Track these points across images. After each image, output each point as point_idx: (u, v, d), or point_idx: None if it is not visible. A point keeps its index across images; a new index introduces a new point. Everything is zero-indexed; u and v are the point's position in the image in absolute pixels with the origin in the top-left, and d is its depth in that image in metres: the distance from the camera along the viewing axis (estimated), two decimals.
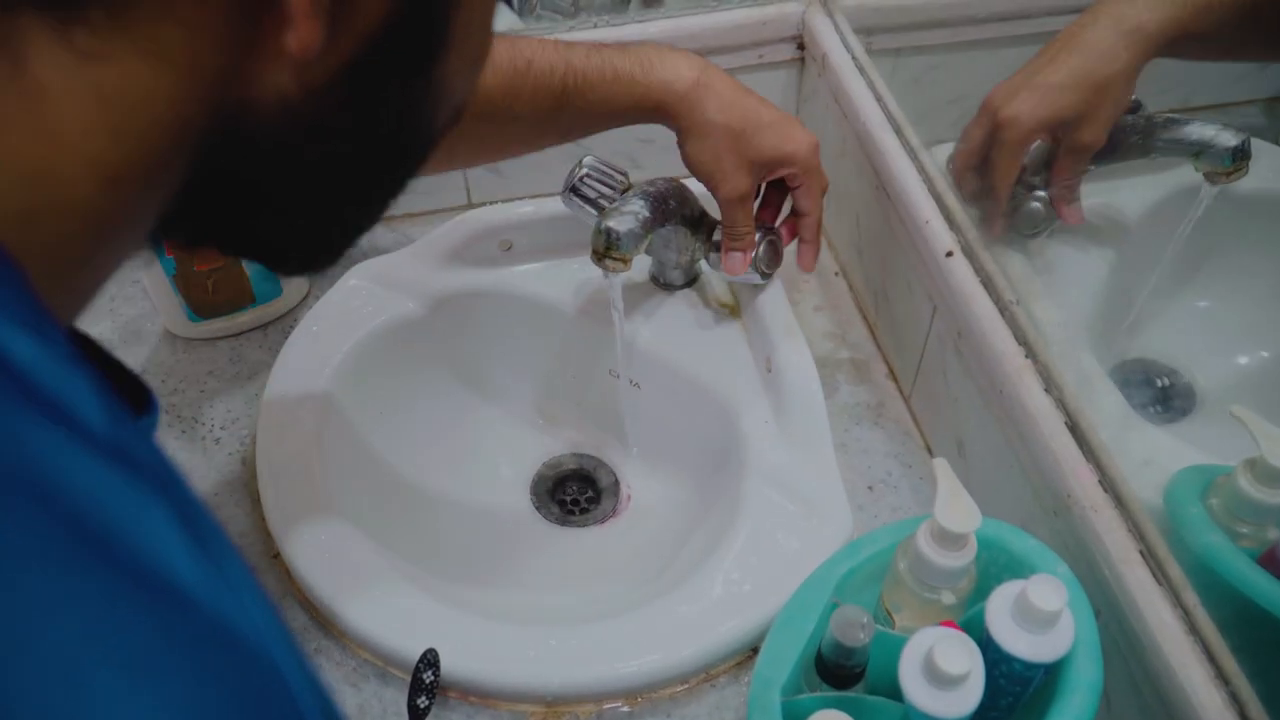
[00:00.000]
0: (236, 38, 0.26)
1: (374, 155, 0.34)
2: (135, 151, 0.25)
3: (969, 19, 0.87)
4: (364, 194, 0.35)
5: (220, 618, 0.21)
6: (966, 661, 0.47)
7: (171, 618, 0.20)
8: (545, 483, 0.86)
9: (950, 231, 0.70)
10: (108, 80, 0.24)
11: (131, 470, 0.21)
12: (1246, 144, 0.73)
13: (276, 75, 0.27)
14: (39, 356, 0.21)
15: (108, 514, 0.20)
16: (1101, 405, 0.69)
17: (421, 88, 0.32)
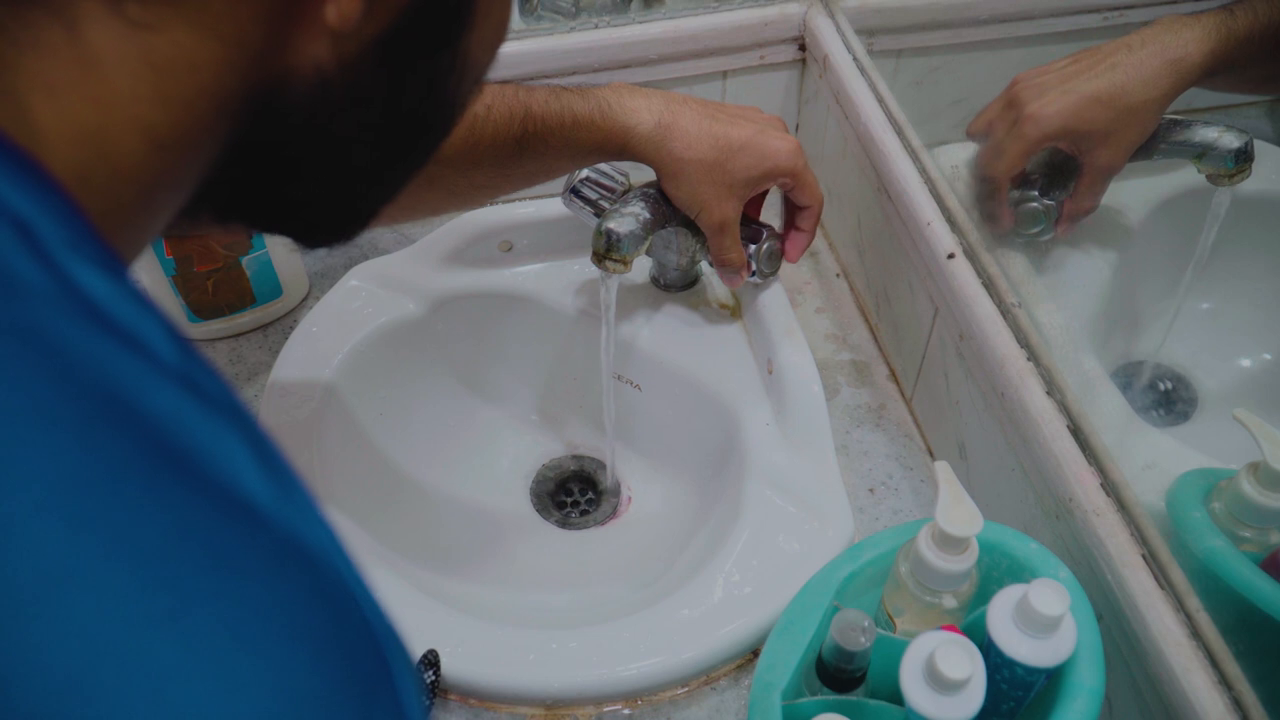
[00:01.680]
0: (278, 10, 0.27)
1: (402, 126, 0.34)
2: (181, 118, 0.26)
3: (971, 20, 0.86)
4: (391, 164, 0.36)
5: (293, 535, 0.22)
6: (968, 666, 0.47)
7: (249, 531, 0.21)
8: (545, 484, 0.86)
9: (952, 233, 0.70)
10: (157, 49, 0.25)
11: (203, 398, 0.23)
12: (1249, 146, 0.73)
13: (314, 47, 0.28)
14: (114, 292, 0.22)
15: (187, 436, 0.21)
16: (1104, 408, 0.69)
17: (449, 59, 0.33)
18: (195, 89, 0.26)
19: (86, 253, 0.23)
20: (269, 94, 0.28)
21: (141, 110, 0.25)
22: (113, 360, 0.21)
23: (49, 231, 0.22)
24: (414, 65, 0.32)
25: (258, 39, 0.27)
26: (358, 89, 0.30)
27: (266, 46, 0.27)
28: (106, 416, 0.20)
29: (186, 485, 0.21)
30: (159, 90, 0.25)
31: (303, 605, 0.21)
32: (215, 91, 0.27)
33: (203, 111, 0.27)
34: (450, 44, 0.32)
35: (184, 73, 0.26)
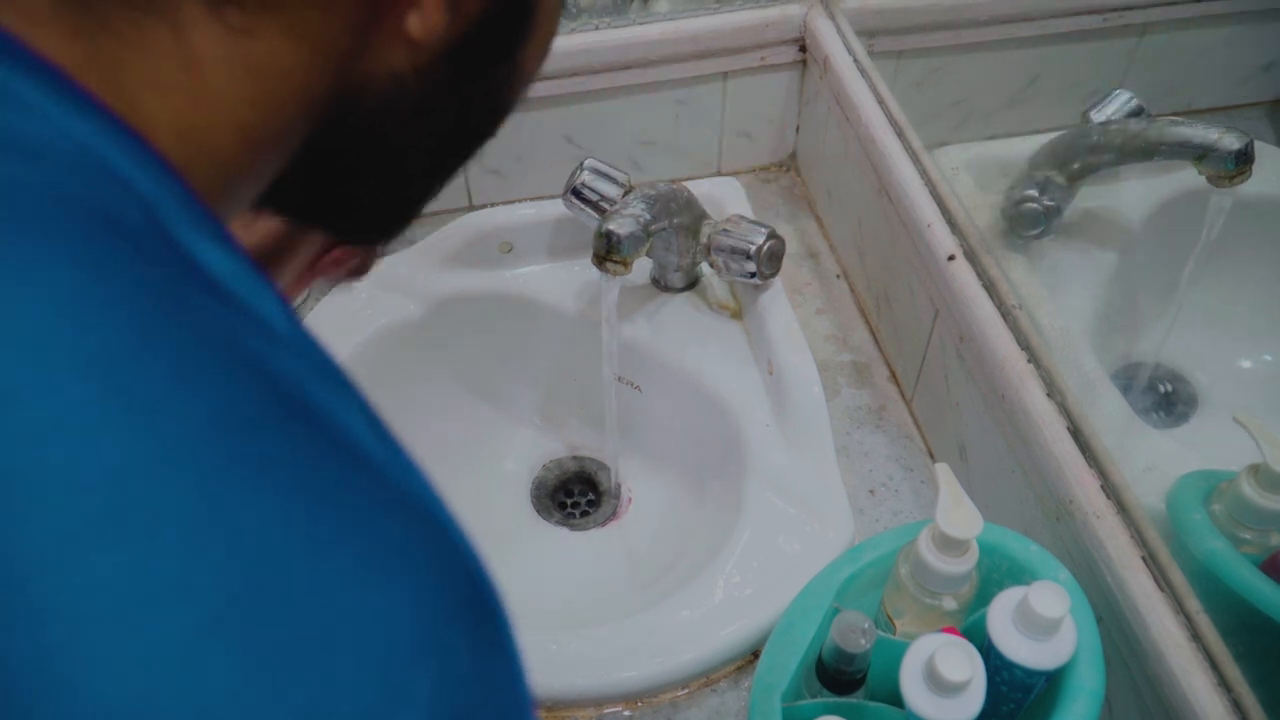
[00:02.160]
0: (364, 19, 0.28)
1: (453, 132, 0.36)
2: (271, 118, 0.28)
3: (971, 22, 0.86)
4: (438, 168, 0.38)
5: (408, 489, 0.24)
6: (968, 668, 0.47)
7: (371, 480, 0.23)
8: (546, 485, 0.86)
9: (952, 235, 0.70)
10: (254, 53, 0.27)
11: (314, 365, 0.25)
12: (1250, 147, 0.73)
13: (393, 56, 0.30)
14: (233, 268, 0.24)
15: (309, 395, 0.23)
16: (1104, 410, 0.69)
17: (506, 70, 0.35)
18: (285, 92, 0.28)
19: (206, 231, 0.25)
20: (347, 98, 0.30)
21: (238, 110, 0.27)
22: (239, 327, 0.23)
23: (172, 211, 0.24)
24: (478, 75, 0.33)
25: (343, 46, 0.29)
26: (426, 97, 0.32)
27: (350, 53, 0.29)
28: (242, 372, 0.22)
29: (317, 436, 0.23)
30: (254, 92, 0.27)
31: (422, 548, 0.24)
32: (302, 94, 0.29)
33: (290, 113, 0.29)
34: (510, 56, 0.34)
35: (277, 76, 0.28)
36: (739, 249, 0.76)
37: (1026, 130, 0.86)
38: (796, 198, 0.96)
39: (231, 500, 0.21)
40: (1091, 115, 0.80)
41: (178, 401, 0.21)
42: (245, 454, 0.21)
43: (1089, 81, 0.87)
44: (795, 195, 0.96)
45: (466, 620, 0.24)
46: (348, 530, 0.22)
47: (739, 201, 0.87)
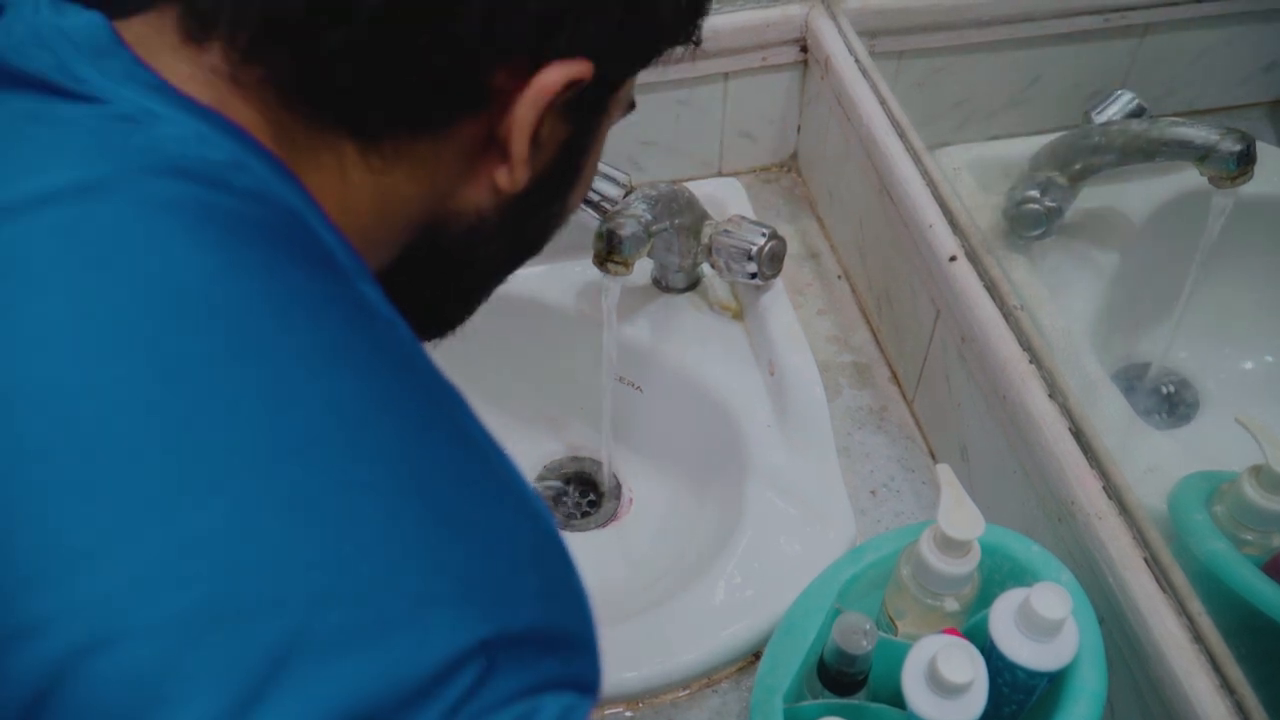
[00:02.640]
0: (466, 171, 0.38)
1: (515, 252, 0.46)
2: (385, 231, 0.39)
3: (973, 22, 0.86)
4: (498, 278, 0.48)
5: (506, 466, 0.34)
6: (970, 669, 0.47)
7: (486, 461, 0.33)
8: (546, 486, 0.86)
9: (954, 236, 0.70)
10: (384, 186, 0.37)
11: (436, 370, 0.35)
12: (1251, 148, 0.73)
13: (480, 198, 0.39)
14: (379, 298, 0.35)
15: (442, 392, 0.34)
16: (1106, 411, 0.69)
17: (558, 208, 0.45)
18: (398, 212, 0.38)
19: (364, 275, 0.35)
20: (440, 225, 0.40)
21: (365, 221, 0.37)
22: (394, 337, 0.34)
23: (343, 256, 0.35)
24: (537, 212, 0.43)
25: (445, 188, 0.39)
26: (498, 228, 0.41)
27: (450, 193, 0.39)
28: (407, 369, 0.33)
29: (457, 425, 0.33)
30: (379, 209, 0.37)
31: (522, 500, 0.33)
32: (409, 216, 0.39)
33: (399, 228, 0.39)
34: (562, 196, 0.44)
35: (395, 204, 0.38)
36: (740, 249, 0.76)
37: (1028, 131, 0.86)
38: (798, 198, 0.96)
39: (425, 451, 0.31)
40: (1093, 116, 0.80)
41: (378, 381, 0.31)
42: (425, 417, 0.32)
43: (1090, 82, 0.87)
44: (796, 196, 0.96)
45: (554, 552, 0.33)
46: (480, 478, 0.32)
47: (740, 202, 0.87)
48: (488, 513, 0.31)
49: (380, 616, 0.26)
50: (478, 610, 0.28)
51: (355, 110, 0.35)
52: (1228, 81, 0.91)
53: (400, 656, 0.26)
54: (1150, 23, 0.87)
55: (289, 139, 0.35)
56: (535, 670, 0.29)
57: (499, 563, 0.30)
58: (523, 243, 0.46)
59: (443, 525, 0.29)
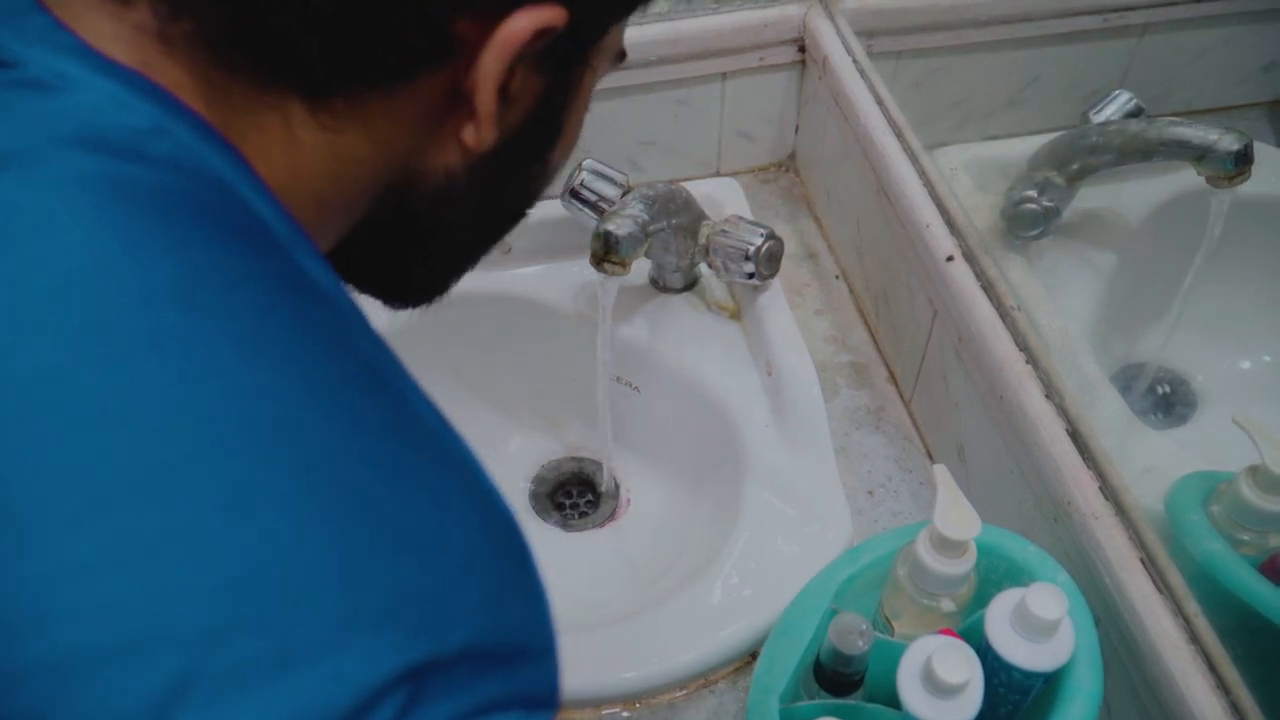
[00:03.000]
0: (429, 129, 0.36)
1: (493, 216, 0.44)
2: (341, 192, 0.36)
3: (971, 22, 0.86)
4: (477, 245, 0.45)
5: (460, 455, 0.32)
6: (965, 670, 0.47)
7: (434, 444, 0.31)
8: (544, 486, 0.86)
9: (951, 236, 0.70)
10: (339, 146, 0.34)
11: (385, 350, 0.33)
12: (1249, 148, 0.72)
13: (447, 157, 0.37)
14: (322, 271, 0.33)
15: (386, 371, 0.32)
16: (1103, 411, 0.69)
17: (538, 169, 0.42)
18: (357, 175, 0.36)
19: (304, 247, 0.33)
20: (407, 186, 0.37)
21: (320, 183, 0.35)
22: (330, 316, 0.31)
23: (281, 229, 0.32)
24: (515, 172, 0.41)
25: (406, 146, 0.36)
26: (471, 189, 0.39)
27: (412, 152, 0.36)
28: (337, 347, 0.31)
29: (394, 399, 0.31)
30: (334, 171, 0.35)
31: (473, 498, 0.31)
32: (369, 178, 0.36)
33: (358, 190, 0.37)
34: (541, 155, 0.41)
35: (351, 163, 0.35)
36: (738, 250, 0.76)
37: (1026, 131, 0.86)
38: (795, 198, 0.96)
39: (352, 445, 0.28)
40: (1091, 116, 0.80)
41: (302, 368, 0.29)
42: (357, 405, 0.29)
43: (1088, 82, 0.87)
44: (794, 196, 0.96)
45: (508, 550, 0.31)
46: (420, 471, 0.30)
47: (738, 202, 0.87)
48: (426, 513, 0.29)
49: (286, 647, 0.24)
50: (404, 632, 0.26)
51: (300, 64, 0.32)
52: (1226, 81, 0.91)
53: (310, 689, 0.24)
54: (1148, 23, 0.87)
55: (224, 100, 0.32)
56: (470, 693, 0.26)
57: (434, 572, 0.27)
58: (501, 206, 0.43)
59: (366, 534, 0.27)
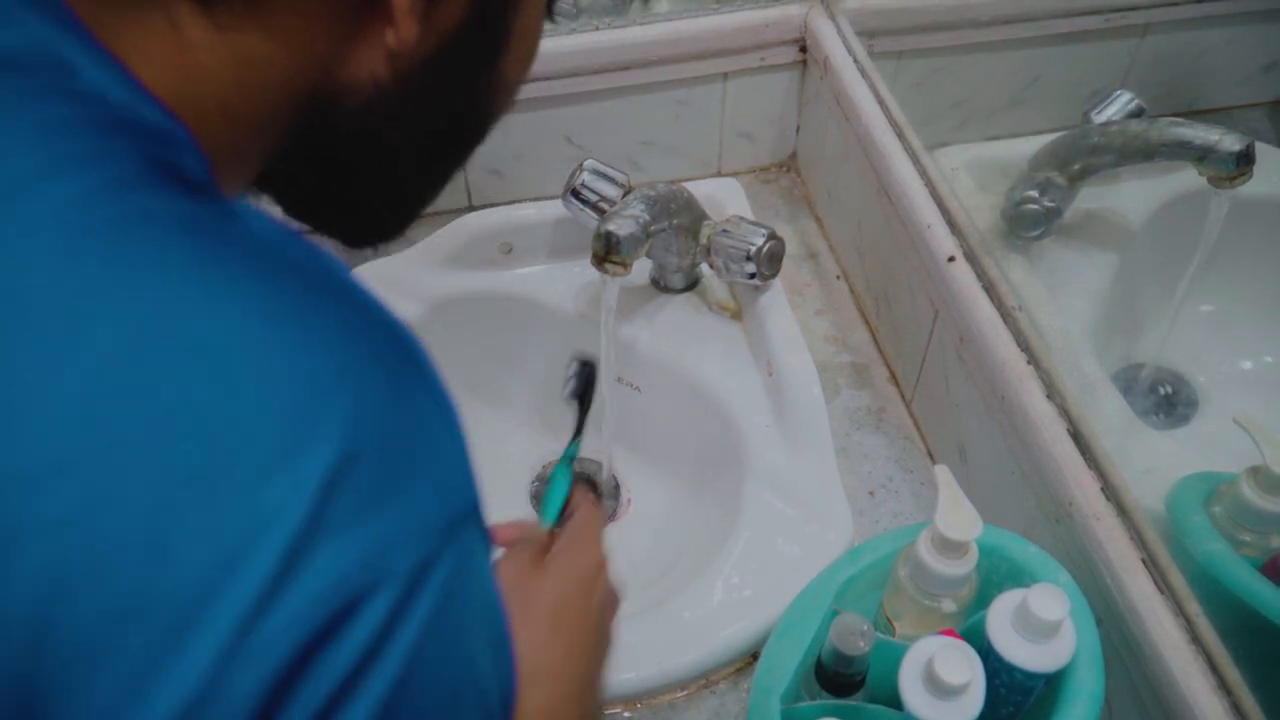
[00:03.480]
0: (344, 30, 0.32)
1: (444, 137, 0.40)
2: (253, 103, 0.33)
3: (972, 22, 0.86)
4: (430, 171, 0.41)
5: (334, 276, 0.30)
6: (967, 671, 0.47)
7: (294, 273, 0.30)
8: (545, 486, 0.86)
9: (952, 236, 0.70)
10: (239, 46, 0.31)
11: (264, 222, 0.31)
12: (1251, 149, 0.72)
13: (373, 63, 0.33)
14: (203, 175, 0.31)
15: (263, 235, 0.30)
16: (1104, 412, 0.69)
17: (485, 80, 0.38)
18: (268, 82, 0.32)
19: (194, 152, 0.31)
20: (331, 98, 0.34)
21: (224, 90, 0.32)
22: (206, 212, 0.29)
23: (118, 93, 0.30)
24: (457, 84, 0.37)
25: (323, 50, 0.33)
26: (407, 103, 0.35)
27: (331, 58, 0.33)
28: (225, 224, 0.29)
29: (292, 264, 0.30)
30: (239, 77, 0.32)
31: (342, 312, 0.29)
32: (284, 86, 0.33)
33: (271, 101, 0.33)
34: (487, 66, 0.38)
35: (259, 68, 0.32)
36: (739, 250, 0.76)
37: (1027, 131, 0.86)
38: (796, 198, 0.96)
39: (215, 283, 0.27)
40: (1092, 116, 0.80)
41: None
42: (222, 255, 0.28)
43: (1090, 82, 0.87)
44: (795, 196, 0.96)
45: (385, 363, 0.29)
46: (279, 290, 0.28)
47: (739, 202, 0.87)
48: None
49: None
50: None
51: None
52: (1227, 82, 0.91)
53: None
54: (1150, 23, 0.87)
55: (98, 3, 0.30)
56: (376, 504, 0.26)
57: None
58: (449, 124, 0.39)
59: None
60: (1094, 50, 0.88)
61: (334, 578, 0.25)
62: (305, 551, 0.25)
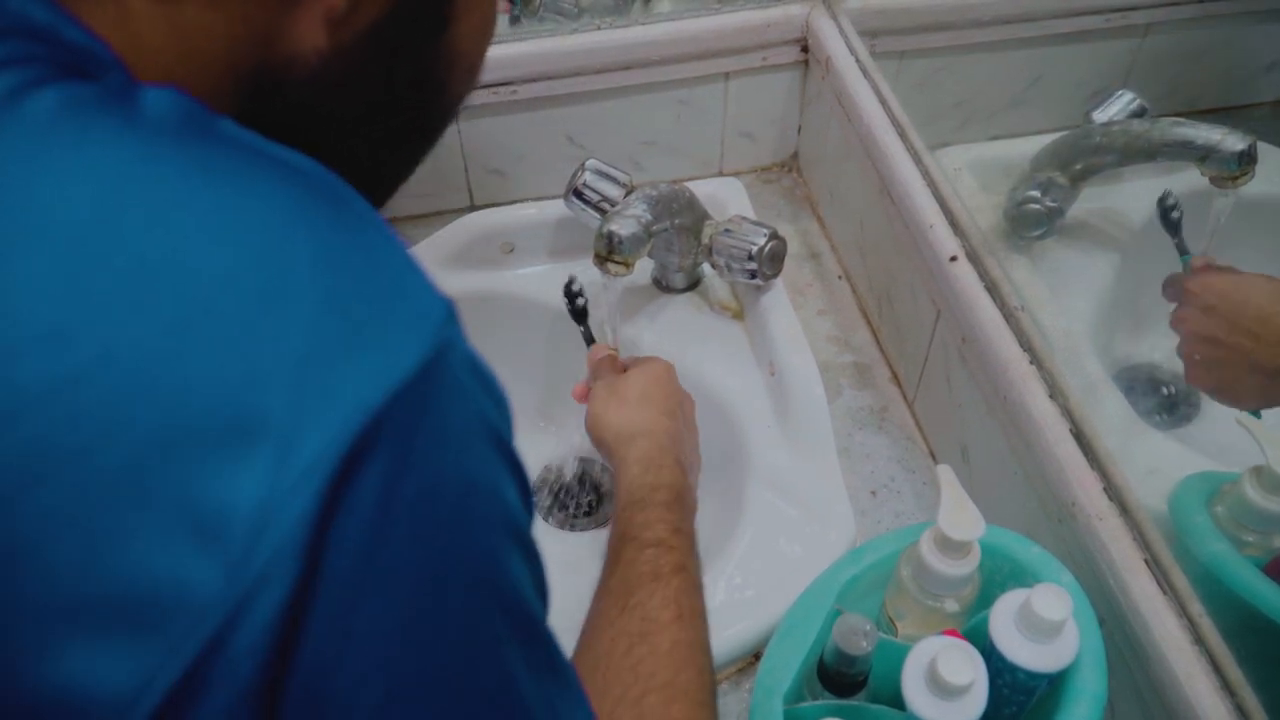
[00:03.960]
0: (281, 1, 0.33)
1: (399, 110, 0.40)
2: (196, 74, 0.33)
3: (974, 22, 0.86)
4: (395, 146, 0.41)
5: (278, 157, 0.31)
6: (970, 671, 0.47)
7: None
8: (548, 487, 0.86)
9: (954, 236, 0.70)
10: (179, 16, 0.32)
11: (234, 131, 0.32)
12: (1253, 148, 0.72)
13: (313, 35, 0.34)
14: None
15: (224, 132, 0.31)
16: (1106, 412, 0.69)
17: (433, 52, 0.38)
18: (210, 54, 0.33)
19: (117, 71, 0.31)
20: (276, 71, 0.34)
21: (166, 60, 0.32)
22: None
23: (73, 35, 0.31)
24: (402, 53, 0.37)
25: (262, 20, 0.33)
26: (353, 73, 0.36)
27: (271, 28, 0.33)
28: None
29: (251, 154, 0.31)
30: (180, 48, 0.32)
31: (281, 178, 0.30)
32: (227, 59, 0.33)
33: (217, 75, 0.34)
34: (436, 35, 0.37)
35: (201, 39, 0.33)
36: (740, 250, 0.76)
37: (1029, 131, 0.86)
38: (798, 198, 0.96)
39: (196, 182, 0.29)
40: (1094, 116, 0.80)
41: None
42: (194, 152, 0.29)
43: (1091, 82, 0.87)
44: (797, 196, 0.96)
45: (322, 206, 0.30)
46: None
47: (740, 202, 0.87)
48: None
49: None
50: None
51: None
52: (1229, 81, 0.91)
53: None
54: (1151, 22, 0.87)
55: None
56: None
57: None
58: (400, 94, 0.39)
59: None
60: (1096, 50, 0.88)
61: (358, 395, 0.27)
62: (316, 372, 0.27)
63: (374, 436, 0.27)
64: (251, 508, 0.25)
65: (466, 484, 0.30)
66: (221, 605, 0.25)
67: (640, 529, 0.57)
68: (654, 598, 0.52)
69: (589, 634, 0.52)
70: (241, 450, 0.26)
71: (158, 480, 0.26)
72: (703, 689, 0.49)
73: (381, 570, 0.27)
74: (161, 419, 0.26)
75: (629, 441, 0.65)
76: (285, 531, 0.26)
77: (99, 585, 0.26)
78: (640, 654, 0.49)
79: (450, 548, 0.29)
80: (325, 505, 0.26)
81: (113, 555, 0.26)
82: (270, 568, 0.26)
